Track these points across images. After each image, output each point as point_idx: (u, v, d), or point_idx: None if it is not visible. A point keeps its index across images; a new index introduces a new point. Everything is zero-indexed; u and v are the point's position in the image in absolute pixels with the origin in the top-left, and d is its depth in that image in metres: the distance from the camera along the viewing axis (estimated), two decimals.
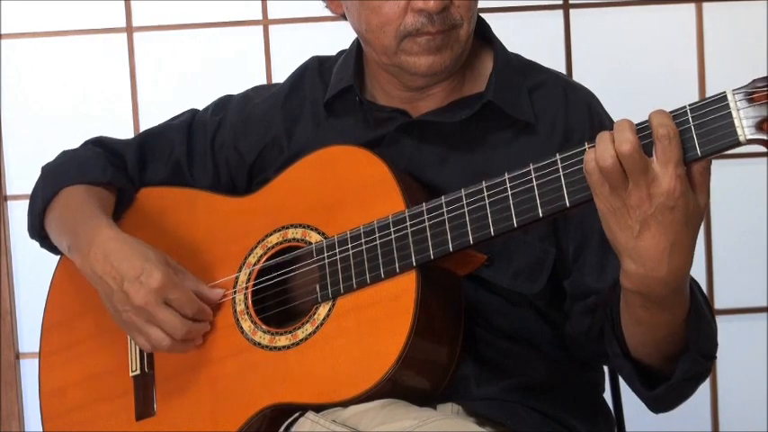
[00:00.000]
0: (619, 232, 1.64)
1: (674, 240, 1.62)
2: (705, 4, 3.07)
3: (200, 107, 2.23)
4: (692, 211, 1.61)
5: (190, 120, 2.19)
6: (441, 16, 1.89)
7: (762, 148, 1.59)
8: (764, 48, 2.99)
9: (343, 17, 2.02)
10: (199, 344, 1.96)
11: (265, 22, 3.10)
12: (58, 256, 2.17)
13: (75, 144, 2.22)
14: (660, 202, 1.59)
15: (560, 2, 3.09)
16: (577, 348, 1.96)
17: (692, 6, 3.07)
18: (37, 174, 2.19)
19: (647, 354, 1.80)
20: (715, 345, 1.82)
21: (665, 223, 1.61)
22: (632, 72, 3.05)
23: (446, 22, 1.90)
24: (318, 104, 2.08)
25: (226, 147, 2.14)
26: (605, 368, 2.10)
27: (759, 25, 3.04)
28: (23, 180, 3.00)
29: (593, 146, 1.63)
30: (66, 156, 2.19)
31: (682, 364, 1.77)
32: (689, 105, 1.61)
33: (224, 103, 2.19)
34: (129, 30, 3.10)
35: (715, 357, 1.82)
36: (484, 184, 1.77)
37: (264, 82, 3.05)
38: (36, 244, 2.19)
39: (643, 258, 1.64)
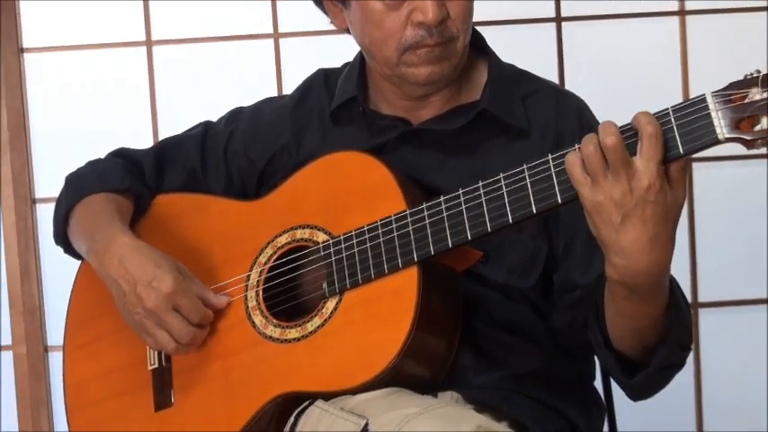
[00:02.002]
0: (602, 226, 1.63)
1: (654, 234, 1.62)
2: (688, 17, 3.07)
3: (215, 116, 2.23)
4: (671, 207, 1.62)
5: (204, 131, 2.19)
6: (438, 29, 1.89)
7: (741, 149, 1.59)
8: (742, 55, 2.99)
9: (347, 31, 2.01)
10: (211, 340, 1.96)
11: (276, 36, 3.10)
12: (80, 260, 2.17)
13: (96, 149, 2.22)
14: (641, 196, 1.60)
15: (553, 15, 3.08)
16: (563, 339, 1.95)
17: (676, 18, 3.07)
18: (63, 178, 2.19)
19: (627, 345, 1.80)
20: (690, 337, 1.82)
21: (645, 217, 1.61)
22: (621, 80, 3.05)
23: (444, 35, 1.90)
24: (325, 114, 2.08)
25: (238, 155, 2.14)
26: (596, 359, 2.10)
27: (738, 35, 3.04)
28: (51, 184, 3.00)
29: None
30: (88, 166, 2.20)
31: (659, 353, 1.76)
32: (671, 107, 1.61)
33: (235, 115, 2.19)
34: (149, 43, 3.10)
35: (690, 349, 1.83)
36: (480, 183, 1.77)
37: (275, 92, 3.05)
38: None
39: (626, 251, 1.63)
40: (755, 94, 1.56)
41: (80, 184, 2.14)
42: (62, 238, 2.15)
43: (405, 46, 1.91)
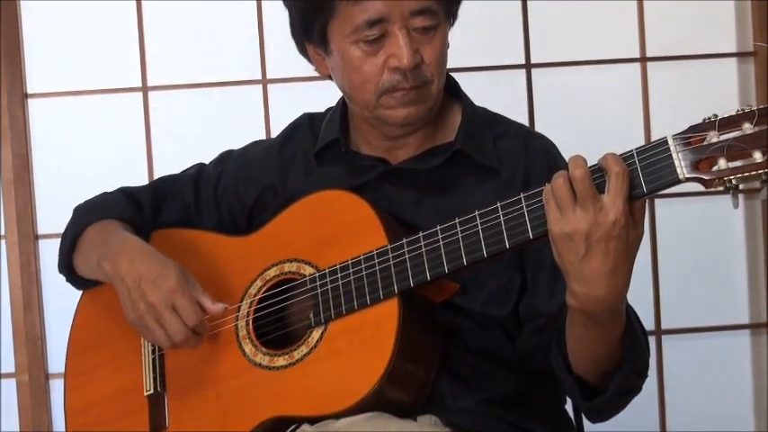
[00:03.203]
0: (566, 255, 1.65)
1: (615, 266, 1.65)
2: (649, 63, 3.10)
3: (208, 157, 2.24)
4: (632, 242, 1.64)
5: (197, 172, 2.20)
6: (413, 74, 1.90)
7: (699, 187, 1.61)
8: (700, 99, 3.02)
9: (330, 77, 2.02)
10: (204, 367, 1.96)
11: (264, 82, 3.11)
12: (81, 291, 2.18)
13: (96, 189, 2.23)
14: (607, 230, 1.62)
15: (523, 62, 3.11)
16: (528, 362, 1.95)
17: (637, 65, 3.10)
18: (64, 214, 2.20)
19: (586, 370, 1.81)
20: (647, 364, 1.84)
21: (608, 250, 1.63)
22: (587, 122, 3.07)
23: (418, 79, 1.91)
24: (309, 155, 2.08)
25: (228, 193, 2.15)
26: None
27: (696, 80, 3.07)
28: (53, 221, 3.02)
29: None
30: (94, 199, 2.20)
31: (616, 379, 1.79)
32: (635, 149, 1.63)
33: (225, 157, 2.20)
34: (145, 89, 3.11)
35: (646, 375, 1.85)
36: (457, 220, 1.78)
37: (264, 134, 3.06)
38: (62, 278, 2.19)
39: (586, 279, 1.66)
40: (713, 137, 1.58)
41: (88, 213, 2.15)
42: (66, 265, 2.15)
43: (382, 90, 1.91)
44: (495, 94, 2.27)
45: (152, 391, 2.02)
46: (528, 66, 3.10)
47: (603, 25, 3.11)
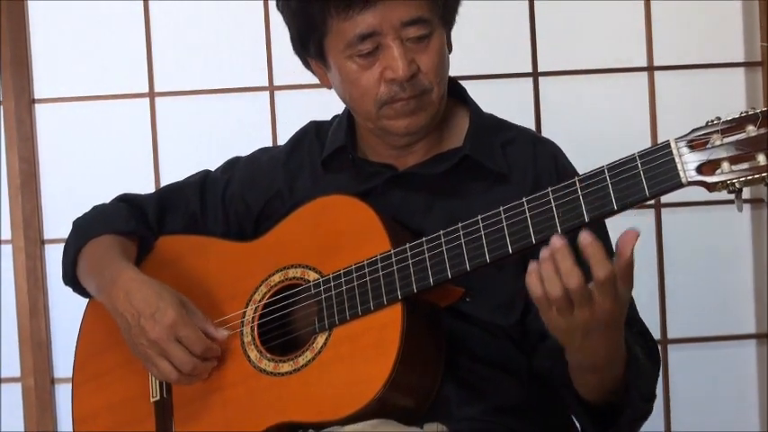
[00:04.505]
0: (563, 338, 1.69)
1: (609, 340, 1.68)
2: (657, 72, 3.09)
3: (214, 162, 2.24)
4: (623, 313, 1.67)
5: (203, 178, 2.20)
6: (410, 84, 1.90)
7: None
8: (708, 109, 3.00)
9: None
10: (206, 377, 1.96)
11: (271, 88, 3.11)
12: (87, 299, 2.18)
13: (102, 194, 2.23)
14: (602, 319, 1.63)
15: (530, 70, 3.10)
16: (545, 381, 1.95)
17: (645, 74, 3.09)
18: (69, 220, 2.20)
19: (595, 398, 1.81)
20: (653, 385, 1.86)
21: (604, 332, 1.66)
22: (594, 131, 3.06)
23: (416, 88, 1.91)
24: (316, 162, 2.09)
25: (235, 200, 2.15)
26: None
27: (703, 90, 3.06)
28: (59, 226, 3.02)
29: (557, 192, 1.67)
30: (94, 210, 2.20)
31: (625, 413, 1.80)
32: (638, 153, 1.62)
33: (233, 163, 2.21)
34: (152, 94, 3.11)
35: (655, 396, 1.85)
36: (460, 225, 1.78)
37: (270, 140, 3.06)
38: None
39: (584, 353, 1.69)
40: (716, 140, 1.57)
41: (87, 228, 2.15)
42: (71, 278, 2.16)
43: (381, 102, 1.92)
44: (502, 103, 2.26)
45: (158, 398, 2.02)
46: (535, 74, 3.10)
47: (611, 34, 3.10)
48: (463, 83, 2.07)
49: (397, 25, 1.88)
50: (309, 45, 1.97)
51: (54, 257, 3.03)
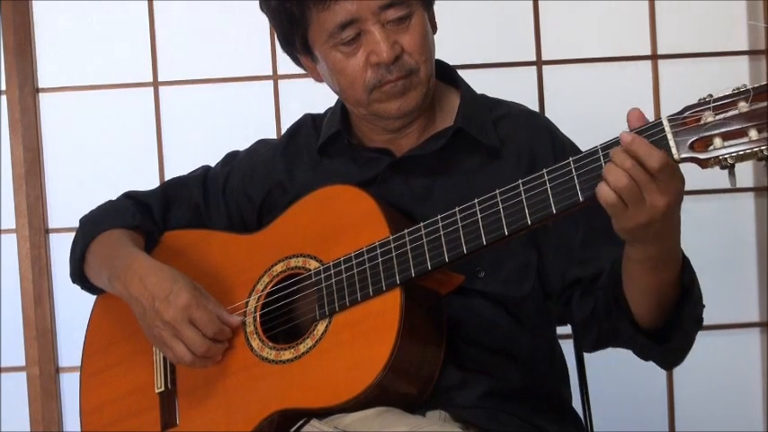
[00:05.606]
0: (638, 234, 1.67)
1: (675, 228, 1.70)
2: (660, 61, 3.09)
3: (217, 152, 2.26)
4: (679, 201, 1.67)
5: (204, 173, 2.22)
6: (396, 65, 1.92)
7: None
8: (706, 93, 3.01)
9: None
10: (219, 360, 1.97)
11: (275, 77, 3.12)
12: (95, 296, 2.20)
13: (106, 182, 2.24)
14: (673, 202, 1.64)
15: (534, 59, 3.11)
16: (586, 334, 1.94)
17: (648, 62, 3.09)
18: (73, 209, 2.21)
19: (653, 320, 1.80)
20: (701, 295, 1.85)
21: (670, 219, 1.66)
22: (598, 120, 3.06)
23: (403, 69, 1.92)
24: (313, 151, 2.10)
25: (236, 192, 2.16)
26: (572, 383, 2.10)
27: (707, 78, 3.06)
28: (63, 215, 3.03)
29: (553, 173, 1.68)
30: (100, 208, 2.22)
31: (687, 308, 1.78)
32: (631, 130, 1.64)
33: (231, 157, 2.23)
34: (155, 83, 3.12)
35: (704, 306, 1.84)
36: (456, 209, 1.79)
37: (274, 128, 3.06)
38: None
39: (655, 245, 1.69)
40: (708, 117, 1.58)
41: (94, 224, 2.16)
42: (79, 275, 2.17)
43: (369, 86, 1.93)
44: (506, 91, 2.26)
45: (162, 389, 2.04)
46: (539, 63, 3.10)
47: (615, 22, 3.10)
48: (466, 71, 2.08)
49: (376, 9, 1.90)
50: (295, 41, 1.99)
51: (58, 246, 3.04)
